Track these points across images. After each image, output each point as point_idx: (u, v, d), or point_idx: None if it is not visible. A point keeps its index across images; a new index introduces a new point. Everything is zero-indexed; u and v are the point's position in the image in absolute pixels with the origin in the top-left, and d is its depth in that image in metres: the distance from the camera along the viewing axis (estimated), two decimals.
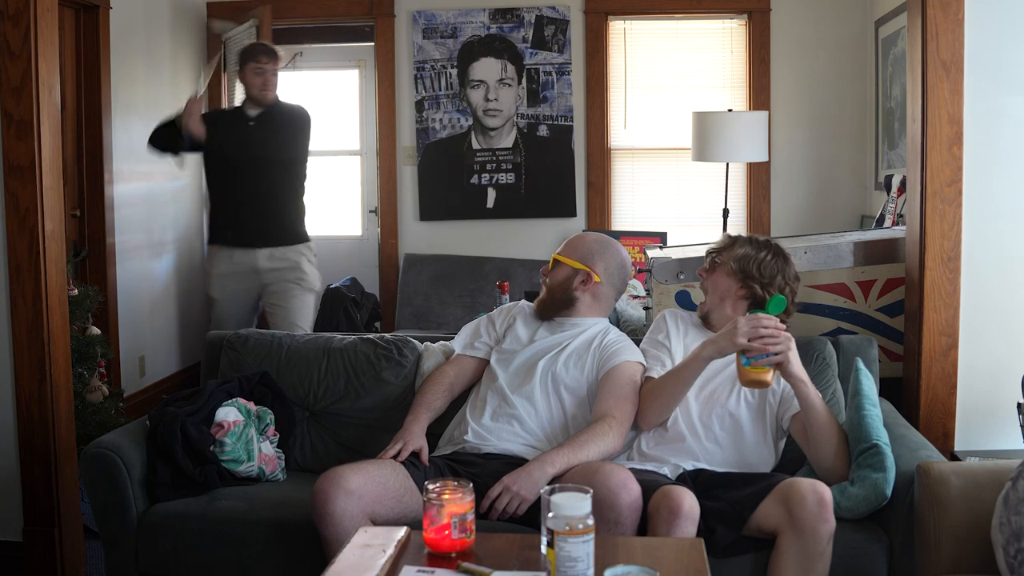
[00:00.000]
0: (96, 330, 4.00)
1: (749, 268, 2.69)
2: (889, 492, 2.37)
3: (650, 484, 2.34)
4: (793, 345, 2.46)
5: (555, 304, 2.86)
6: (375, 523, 2.34)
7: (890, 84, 5.02)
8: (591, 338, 2.79)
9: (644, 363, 2.73)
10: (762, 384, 2.44)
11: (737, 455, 2.60)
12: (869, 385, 2.61)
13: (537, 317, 2.90)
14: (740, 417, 2.62)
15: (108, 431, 2.84)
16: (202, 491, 2.65)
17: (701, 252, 3.46)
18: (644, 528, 2.31)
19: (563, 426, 2.70)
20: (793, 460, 2.66)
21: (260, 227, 4.48)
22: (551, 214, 5.75)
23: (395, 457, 2.57)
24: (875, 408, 2.54)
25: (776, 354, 2.42)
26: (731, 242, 2.77)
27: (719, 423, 2.62)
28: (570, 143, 5.71)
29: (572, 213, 5.74)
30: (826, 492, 2.26)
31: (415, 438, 2.65)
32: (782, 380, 2.55)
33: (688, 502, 2.26)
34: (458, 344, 2.95)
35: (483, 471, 2.56)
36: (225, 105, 5.74)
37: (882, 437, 2.45)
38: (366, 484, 2.37)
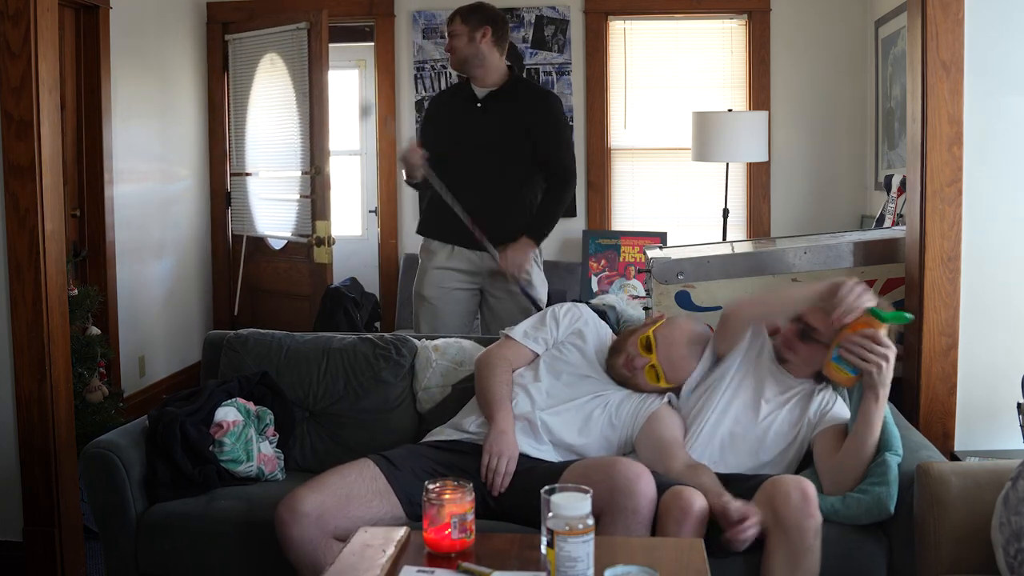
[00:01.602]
0: (96, 330, 4.00)
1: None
2: (892, 507, 2.35)
3: (660, 484, 2.34)
4: (890, 363, 2.39)
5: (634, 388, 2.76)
6: (341, 539, 2.30)
7: (890, 84, 5.02)
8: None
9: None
10: (841, 384, 2.50)
11: (750, 463, 2.59)
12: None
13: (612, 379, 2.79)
14: (766, 438, 2.59)
15: (108, 431, 2.83)
16: (201, 491, 2.65)
17: (701, 252, 3.46)
18: (653, 527, 2.31)
19: (585, 448, 2.65)
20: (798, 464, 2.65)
21: None
22: None
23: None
24: (890, 415, 2.52)
25: (870, 363, 2.39)
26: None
27: (741, 441, 2.60)
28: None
29: (572, 213, 5.73)
30: (809, 487, 2.25)
31: (513, 445, 2.57)
32: (818, 403, 2.57)
33: (699, 503, 2.27)
34: (518, 333, 2.85)
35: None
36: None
37: (898, 448, 2.43)
38: (325, 501, 2.35)
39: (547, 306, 3.24)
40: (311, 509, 2.33)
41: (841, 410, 2.59)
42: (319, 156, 5.19)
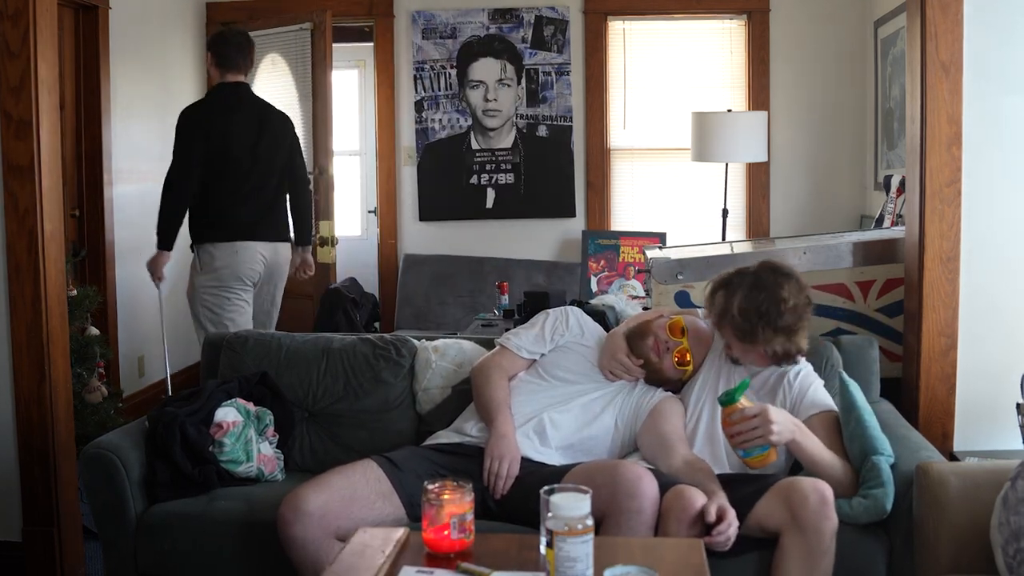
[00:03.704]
0: (95, 330, 4.00)
1: (752, 335, 2.53)
2: (889, 507, 2.36)
3: (662, 484, 2.35)
4: (772, 415, 2.32)
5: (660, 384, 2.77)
6: (342, 539, 2.29)
7: (889, 84, 5.03)
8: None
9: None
10: (767, 465, 2.40)
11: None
12: (860, 396, 2.58)
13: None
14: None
15: (107, 431, 2.83)
16: (201, 491, 2.65)
17: (701, 252, 3.46)
18: (656, 527, 2.31)
19: (592, 443, 2.66)
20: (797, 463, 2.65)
21: None
22: (550, 214, 5.75)
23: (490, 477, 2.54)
24: (873, 418, 2.52)
25: (759, 438, 2.34)
26: (723, 310, 2.58)
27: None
28: (569, 143, 5.71)
29: (571, 213, 5.74)
30: (827, 490, 2.26)
31: (514, 448, 2.57)
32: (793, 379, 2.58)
33: (701, 502, 2.28)
34: (511, 341, 2.84)
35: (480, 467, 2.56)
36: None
37: (885, 449, 2.44)
38: (329, 501, 2.35)
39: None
40: (315, 509, 2.33)
41: (818, 393, 2.59)
42: (323, 156, 5.19)
